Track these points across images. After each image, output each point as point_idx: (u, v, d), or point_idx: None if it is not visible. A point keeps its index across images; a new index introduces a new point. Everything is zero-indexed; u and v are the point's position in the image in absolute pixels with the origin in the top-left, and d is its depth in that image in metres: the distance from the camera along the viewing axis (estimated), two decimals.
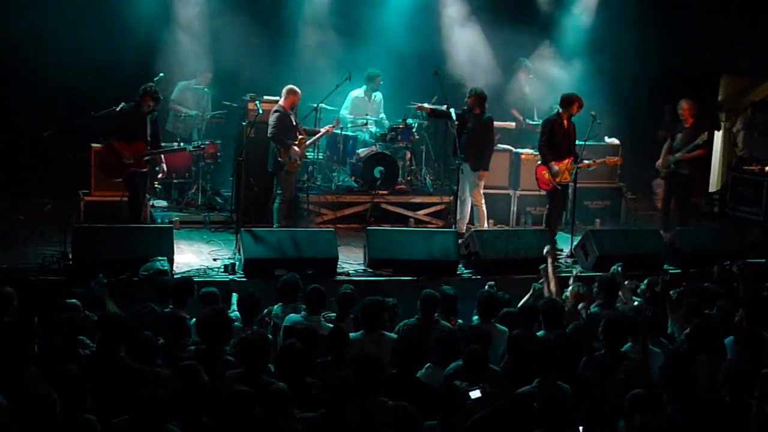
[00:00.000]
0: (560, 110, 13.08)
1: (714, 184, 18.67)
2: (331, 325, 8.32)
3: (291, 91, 12.75)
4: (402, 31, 15.42)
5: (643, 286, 9.66)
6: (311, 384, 6.84)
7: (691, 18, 16.62)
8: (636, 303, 9.44)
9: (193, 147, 12.85)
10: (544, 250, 10.36)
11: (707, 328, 7.94)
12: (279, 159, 12.54)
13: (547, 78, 15.93)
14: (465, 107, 13.34)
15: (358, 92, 14.81)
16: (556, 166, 12.90)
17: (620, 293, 9.60)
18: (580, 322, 8.47)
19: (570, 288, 9.58)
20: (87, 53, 13.37)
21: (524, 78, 15.88)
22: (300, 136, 12.72)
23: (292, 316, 8.49)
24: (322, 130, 13.27)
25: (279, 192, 12.79)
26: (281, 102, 12.74)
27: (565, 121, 13.06)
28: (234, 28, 14.32)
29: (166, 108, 14.19)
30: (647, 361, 7.36)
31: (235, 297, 9.06)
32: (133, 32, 13.94)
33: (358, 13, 15.48)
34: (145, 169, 11.98)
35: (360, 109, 14.78)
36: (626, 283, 9.92)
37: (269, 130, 12.55)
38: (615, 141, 14.86)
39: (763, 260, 11.72)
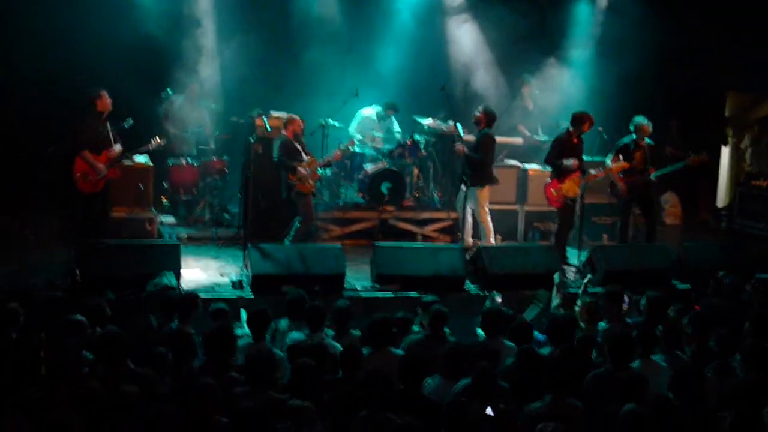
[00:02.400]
0: (570, 128, 13.10)
1: (722, 199, 18.64)
2: (334, 342, 8.30)
3: (289, 121, 12.75)
4: (409, 47, 15.54)
5: (643, 302, 9.62)
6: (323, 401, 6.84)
7: (698, 34, 16.62)
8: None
9: (138, 151, 12.40)
10: (555, 280, 10.40)
11: (715, 345, 7.93)
12: (289, 181, 12.54)
13: (552, 94, 15.95)
14: (474, 122, 13.36)
15: (370, 113, 14.84)
16: (566, 180, 12.92)
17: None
18: (586, 336, 8.44)
19: (580, 303, 9.51)
20: (85, 71, 13.35)
21: (528, 94, 15.90)
22: (309, 158, 12.69)
23: (294, 334, 8.48)
24: (334, 154, 13.18)
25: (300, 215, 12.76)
26: (283, 131, 12.74)
27: (575, 139, 13.09)
28: (241, 43, 14.38)
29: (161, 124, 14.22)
30: (645, 377, 7.28)
31: (243, 313, 9.06)
32: (139, 48, 13.99)
33: (366, 29, 15.57)
34: (117, 177, 11.91)
35: (369, 129, 14.80)
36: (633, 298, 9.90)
37: (275, 156, 12.58)
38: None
39: None
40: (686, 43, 16.68)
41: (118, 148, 11.81)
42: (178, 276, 10.78)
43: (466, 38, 16.30)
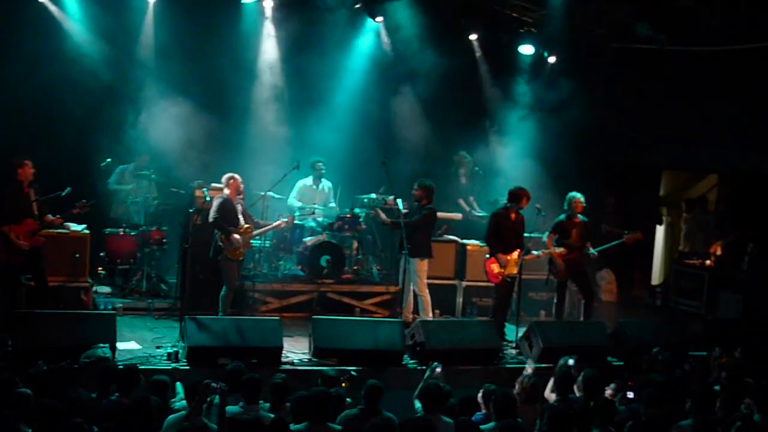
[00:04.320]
0: (508, 204, 13.25)
1: (656, 277, 18.92)
2: (271, 415, 8.22)
3: (230, 178, 12.64)
4: (353, 121, 15.69)
5: (579, 379, 9.67)
6: None
7: (633, 113, 17.02)
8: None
9: (63, 216, 11.96)
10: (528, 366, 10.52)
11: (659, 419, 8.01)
12: (219, 244, 12.46)
13: (490, 170, 16.19)
14: (414, 203, 13.48)
15: (307, 180, 14.89)
16: (504, 258, 13.04)
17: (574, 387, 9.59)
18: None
19: (519, 379, 9.56)
20: (26, 137, 13.33)
21: (463, 171, 16.12)
22: (246, 225, 12.65)
23: (231, 408, 8.37)
24: (275, 224, 13.10)
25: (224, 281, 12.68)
26: (225, 191, 12.70)
27: (513, 215, 13.22)
28: (181, 114, 14.41)
29: (106, 192, 14.13)
30: None
31: (179, 386, 8.94)
32: (77, 116, 14.00)
33: (309, 104, 15.72)
34: (41, 244, 11.72)
35: (308, 198, 14.85)
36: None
37: (210, 215, 12.42)
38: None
39: (705, 353, 11.82)
40: (622, 121, 17.08)
41: (50, 218, 11.68)
42: (113, 347, 10.61)
43: (406, 113, 16.52)
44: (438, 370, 9.77)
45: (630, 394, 9.13)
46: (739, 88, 15.80)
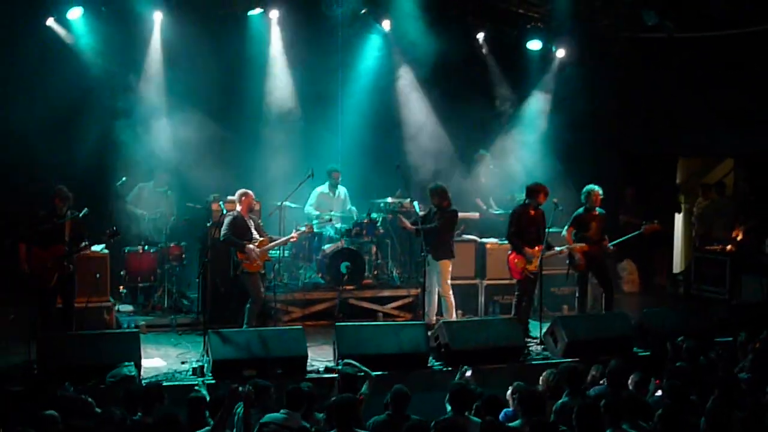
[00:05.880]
0: (526, 201, 13.24)
1: (678, 264, 18.83)
2: (306, 424, 8.21)
3: (243, 195, 12.62)
4: (365, 126, 15.69)
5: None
6: None
7: (646, 100, 16.97)
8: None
9: (89, 243, 12.09)
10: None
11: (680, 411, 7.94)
12: (235, 259, 12.48)
13: (508, 168, 16.15)
14: (432, 206, 13.45)
15: (323, 188, 14.88)
16: (530, 251, 13.03)
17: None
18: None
19: (544, 376, 9.54)
20: (41, 159, 13.42)
21: (484, 170, 16.11)
22: (261, 238, 12.62)
23: (272, 415, 8.35)
24: (289, 237, 13.02)
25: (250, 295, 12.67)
26: (237, 207, 12.70)
27: (532, 211, 13.20)
28: (192, 128, 14.43)
29: (125, 210, 14.17)
30: None
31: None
32: (92, 135, 14.06)
33: (321, 111, 15.73)
34: (69, 271, 11.77)
35: (325, 205, 14.84)
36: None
37: (222, 232, 12.42)
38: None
39: (731, 338, 11.75)
40: (635, 111, 17.03)
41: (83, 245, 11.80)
42: (138, 365, 10.63)
43: (417, 115, 16.50)
44: (468, 373, 9.75)
45: (659, 393, 9.06)
46: (749, 70, 15.75)
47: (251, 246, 12.38)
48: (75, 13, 14.07)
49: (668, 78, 16.63)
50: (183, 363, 11.52)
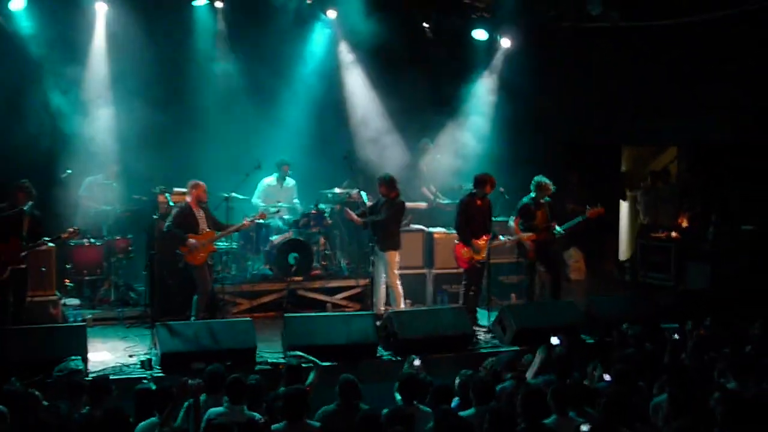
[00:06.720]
0: (473, 190, 13.31)
1: (624, 252, 19.04)
2: (255, 414, 8.19)
3: (193, 186, 12.63)
4: (312, 116, 15.67)
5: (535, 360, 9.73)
6: None
7: (591, 90, 17.12)
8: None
9: (50, 239, 12.01)
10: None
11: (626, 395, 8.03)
12: (178, 251, 12.43)
13: (453, 157, 16.20)
14: (380, 196, 13.47)
15: (270, 180, 14.85)
16: (477, 243, 13.11)
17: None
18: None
19: (483, 364, 9.66)
20: None
21: (428, 159, 16.16)
22: (207, 230, 12.58)
23: (214, 409, 8.32)
24: (240, 224, 13.00)
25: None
26: (187, 198, 12.64)
27: (479, 201, 13.28)
28: (138, 119, 14.29)
29: (76, 204, 14.02)
30: None
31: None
32: (39, 127, 13.86)
33: (266, 101, 15.66)
34: (23, 266, 11.62)
35: (272, 197, 14.79)
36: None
37: (165, 224, 12.42)
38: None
39: (677, 325, 11.91)
40: (579, 101, 17.17)
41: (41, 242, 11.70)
42: (85, 359, 10.54)
43: (365, 105, 16.49)
44: (417, 362, 9.78)
45: (606, 377, 9.16)
46: (690, 59, 15.96)
47: (192, 240, 12.32)
48: (18, 4, 13.83)
49: (612, 68, 16.80)
50: (131, 356, 11.45)
